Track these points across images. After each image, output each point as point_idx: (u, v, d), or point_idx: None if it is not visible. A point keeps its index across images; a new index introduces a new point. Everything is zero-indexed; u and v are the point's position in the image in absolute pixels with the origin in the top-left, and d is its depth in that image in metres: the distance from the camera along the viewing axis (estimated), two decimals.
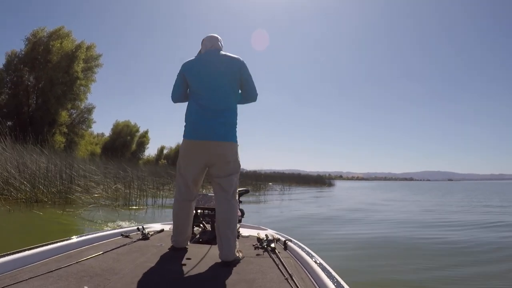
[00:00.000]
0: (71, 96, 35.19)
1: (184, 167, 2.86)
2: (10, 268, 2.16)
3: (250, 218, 9.98)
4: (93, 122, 39.66)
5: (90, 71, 36.84)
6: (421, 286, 4.65)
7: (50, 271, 2.17)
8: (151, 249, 2.94)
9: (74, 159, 15.99)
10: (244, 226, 4.06)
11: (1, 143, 12.98)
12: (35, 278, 2.04)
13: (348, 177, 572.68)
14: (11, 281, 1.96)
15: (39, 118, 32.16)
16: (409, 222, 10.97)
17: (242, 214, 3.87)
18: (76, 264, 2.35)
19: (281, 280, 2.15)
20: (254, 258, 2.73)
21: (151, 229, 3.65)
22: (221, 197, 2.79)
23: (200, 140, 2.73)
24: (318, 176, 64.83)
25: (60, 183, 11.34)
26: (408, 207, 17.93)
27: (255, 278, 2.22)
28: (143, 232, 3.36)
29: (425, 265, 5.53)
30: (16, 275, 2.07)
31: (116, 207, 10.82)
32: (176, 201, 2.95)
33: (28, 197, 10.32)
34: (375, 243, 7.40)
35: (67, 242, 2.78)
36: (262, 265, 2.51)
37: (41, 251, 2.47)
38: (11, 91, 33.20)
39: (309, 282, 2.15)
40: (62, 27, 34.63)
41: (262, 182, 28.33)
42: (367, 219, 11.63)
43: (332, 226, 9.77)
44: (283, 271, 2.30)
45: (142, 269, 2.36)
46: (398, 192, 38.23)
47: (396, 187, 66.14)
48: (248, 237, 3.48)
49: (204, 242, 3.27)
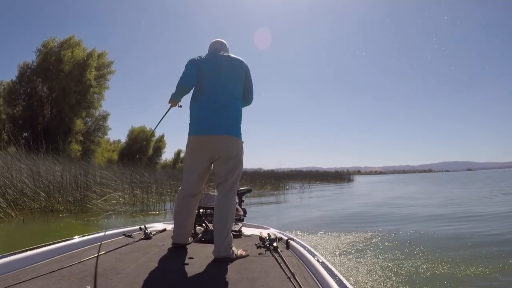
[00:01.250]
0: (85, 104, 35.30)
1: (189, 163, 2.93)
2: (12, 268, 2.15)
3: (270, 221, 9.40)
4: (109, 129, 39.80)
5: (103, 79, 36.89)
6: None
7: (53, 271, 2.16)
8: (154, 248, 2.94)
9: (90, 166, 15.69)
10: (247, 225, 4.02)
11: (16, 154, 12.78)
12: (38, 278, 2.03)
13: (367, 172, 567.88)
14: (14, 281, 1.95)
15: (54, 127, 32.24)
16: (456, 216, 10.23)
17: (244, 213, 3.87)
18: (79, 264, 2.34)
19: (284, 279, 2.13)
20: (257, 257, 2.72)
21: (153, 229, 3.67)
22: (220, 192, 2.85)
23: (205, 135, 2.79)
24: (337, 172, 63.90)
25: (75, 191, 10.96)
26: (440, 199, 17.09)
27: (258, 277, 2.20)
28: (145, 232, 3.38)
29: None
30: (19, 275, 2.07)
31: (133, 213, 10.38)
32: (179, 196, 2.98)
33: (43, 206, 9.96)
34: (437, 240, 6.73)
35: (69, 242, 2.79)
36: (265, 264, 2.50)
37: (43, 251, 2.47)
38: (25, 102, 33.44)
39: (311, 281, 2.12)
40: (72, 36, 34.72)
41: (281, 180, 27.72)
42: (404, 214, 10.97)
43: (372, 224, 9.11)
44: (286, 270, 2.28)
45: (145, 268, 2.35)
46: (422, 185, 37.17)
47: (417, 179, 64.72)
48: (250, 236, 3.45)
49: (207, 242, 3.25)
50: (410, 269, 4.72)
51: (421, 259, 5.25)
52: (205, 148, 2.81)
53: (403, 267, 4.83)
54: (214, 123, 2.78)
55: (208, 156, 2.83)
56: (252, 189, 4.67)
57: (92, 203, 10.83)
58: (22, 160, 12.31)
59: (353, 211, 12.18)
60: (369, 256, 5.41)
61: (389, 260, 5.17)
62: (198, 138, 2.83)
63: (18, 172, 11.03)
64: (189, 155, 2.92)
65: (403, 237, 7.10)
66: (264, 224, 4.26)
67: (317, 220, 9.74)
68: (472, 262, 4.97)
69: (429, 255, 5.45)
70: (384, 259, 5.25)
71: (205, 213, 3.82)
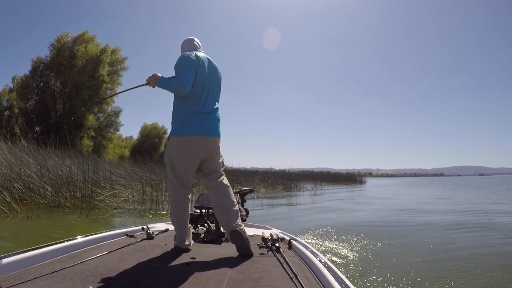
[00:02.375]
0: (97, 100, 35.20)
1: (187, 162, 2.97)
2: (15, 268, 2.16)
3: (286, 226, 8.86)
4: (121, 125, 39.70)
5: (116, 75, 36.81)
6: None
7: (55, 271, 2.16)
8: (156, 248, 2.94)
9: (100, 162, 15.42)
10: (249, 226, 3.96)
11: (26, 148, 12.57)
12: (40, 278, 2.03)
13: (378, 174, 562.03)
14: (16, 281, 1.96)
15: (66, 122, 32.18)
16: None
17: (246, 213, 3.85)
18: (81, 264, 2.34)
19: (286, 279, 2.12)
20: (259, 257, 2.71)
21: (155, 229, 3.67)
22: (214, 179, 3.05)
23: (205, 136, 2.92)
24: (349, 174, 62.99)
25: (83, 186, 10.63)
26: (462, 205, 16.36)
27: (260, 277, 2.19)
28: (147, 232, 3.38)
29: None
30: (21, 275, 2.07)
31: (141, 212, 9.98)
32: (176, 196, 2.97)
33: (49, 202, 9.64)
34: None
35: (72, 242, 2.79)
36: (267, 264, 2.49)
37: (46, 251, 2.48)
38: (38, 96, 33.50)
39: (313, 281, 2.11)
40: (86, 32, 34.67)
41: (293, 181, 27.22)
42: (426, 222, 10.34)
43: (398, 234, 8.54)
44: (288, 270, 2.27)
45: (147, 269, 2.36)
46: (435, 188, 36.32)
47: (429, 183, 63.47)
48: (252, 236, 3.41)
49: (209, 242, 3.26)
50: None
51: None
52: (203, 148, 2.94)
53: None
54: (213, 125, 2.98)
55: (203, 155, 2.97)
56: (254, 189, 4.63)
57: (100, 200, 10.51)
58: (31, 154, 12.07)
59: (388, 219, 11.44)
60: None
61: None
62: (199, 138, 2.90)
63: (26, 166, 10.76)
64: (188, 154, 2.96)
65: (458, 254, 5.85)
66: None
67: (347, 226, 9.17)
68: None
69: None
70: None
71: (207, 213, 3.86)
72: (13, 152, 11.93)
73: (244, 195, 4.11)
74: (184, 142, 2.91)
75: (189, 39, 3.27)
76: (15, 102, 34.30)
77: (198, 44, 3.25)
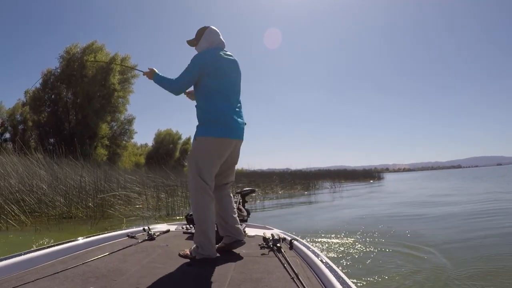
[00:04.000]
0: (110, 109, 35.30)
1: (214, 164, 2.75)
2: (16, 269, 2.16)
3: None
4: (135, 132, 39.79)
5: (127, 83, 36.82)
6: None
7: (56, 272, 2.16)
8: (157, 249, 2.92)
9: (114, 170, 15.11)
10: (250, 226, 3.94)
11: (39, 160, 12.31)
12: (42, 279, 2.03)
13: (395, 169, 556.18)
14: (18, 282, 1.95)
15: (79, 133, 32.21)
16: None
17: (248, 214, 3.82)
18: (82, 265, 2.34)
19: (287, 280, 2.10)
20: (260, 257, 2.69)
21: (156, 230, 3.63)
22: (224, 190, 2.93)
23: (232, 139, 2.75)
24: (366, 170, 61.98)
25: (95, 196, 10.26)
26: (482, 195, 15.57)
27: (261, 278, 2.17)
28: (149, 233, 3.35)
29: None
30: (23, 276, 2.06)
31: (157, 218, 9.57)
32: (205, 198, 2.69)
33: (61, 213, 9.27)
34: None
35: (73, 243, 2.79)
36: (268, 265, 2.46)
37: (47, 252, 2.48)
38: (50, 108, 33.64)
39: (315, 281, 2.08)
40: (95, 42, 34.76)
41: (311, 180, 26.63)
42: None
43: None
44: (289, 270, 2.23)
45: (148, 269, 2.34)
46: (455, 181, 35.23)
47: (448, 175, 61.95)
48: (254, 236, 3.37)
49: None
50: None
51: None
52: (227, 151, 2.78)
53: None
54: (239, 128, 2.80)
55: (226, 158, 2.81)
56: (255, 190, 4.55)
57: (114, 209, 10.13)
58: (42, 166, 11.78)
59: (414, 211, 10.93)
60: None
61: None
62: (225, 141, 2.72)
63: (38, 178, 10.45)
64: (215, 156, 2.73)
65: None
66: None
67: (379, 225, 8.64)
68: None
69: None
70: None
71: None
72: (25, 165, 11.67)
73: (245, 195, 4.11)
74: (212, 143, 2.71)
75: (213, 32, 2.94)
76: (28, 116, 34.50)
77: (213, 38, 2.93)
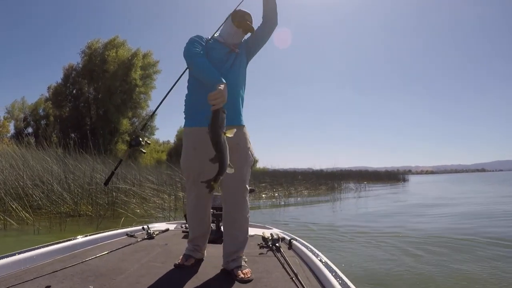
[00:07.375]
0: (131, 105, 35.12)
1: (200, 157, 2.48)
2: (15, 268, 2.16)
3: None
4: (156, 129, 39.53)
5: (149, 78, 36.58)
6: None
7: (56, 271, 2.16)
8: (156, 248, 2.92)
9: (130, 167, 14.58)
10: (249, 225, 3.69)
11: (51, 155, 11.89)
12: (40, 278, 2.03)
13: (417, 172, 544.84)
14: (17, 281, 1.96)
15: (100, 128, 32.12)
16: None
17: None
18: (82, 264, 2.34)
19: (286, 279, 2.10)
20: (259, 257, 2.66)
21: (156, 229, 3.62)
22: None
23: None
24: (389, 172, 60.36)
25: (107, 193, 9.67)
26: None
27: (260, 277, 2.16)
28: (148, 232, 3.36)
29: None
30: (22, 275, 2.07)
31: (171, 219, 8.88)
32: (191, 198, 2.53)
33: (68, 211, 8.71)
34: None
35: (72, 242, 2.79)
36: (267, 264, 2.45)
37: (46, 251, 2.47)
38: (71, 103, 33.69)
39: (314, 281, 2.09)
40: (116, 37, 34.67)
41: (336, 181, 25.67)
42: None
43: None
44: (288, 270, 2.24)
45: (147, 268, 2.33)
46: (486, 185, 33.52)
47: (475, 178, 59.63)
48: (253, 236, 3.28)
49: (210, 242, 3.00)
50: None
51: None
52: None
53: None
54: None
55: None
56: (255, 189, 4.36)
57: (127, 207, 9.51)
58: (55, 160, 11.32)
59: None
60: None
61: None
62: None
63: (48, 173, 9.94)
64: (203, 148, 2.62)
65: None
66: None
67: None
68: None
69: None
70: None
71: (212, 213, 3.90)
72: (38, 159, 11.23)
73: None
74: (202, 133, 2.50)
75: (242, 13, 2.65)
76: (51, 111, 34.67)
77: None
